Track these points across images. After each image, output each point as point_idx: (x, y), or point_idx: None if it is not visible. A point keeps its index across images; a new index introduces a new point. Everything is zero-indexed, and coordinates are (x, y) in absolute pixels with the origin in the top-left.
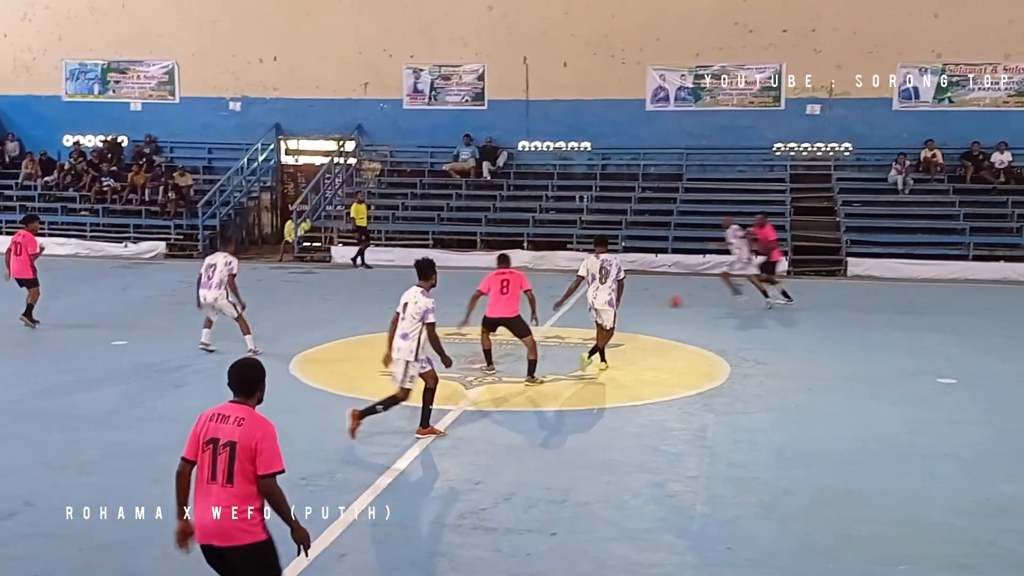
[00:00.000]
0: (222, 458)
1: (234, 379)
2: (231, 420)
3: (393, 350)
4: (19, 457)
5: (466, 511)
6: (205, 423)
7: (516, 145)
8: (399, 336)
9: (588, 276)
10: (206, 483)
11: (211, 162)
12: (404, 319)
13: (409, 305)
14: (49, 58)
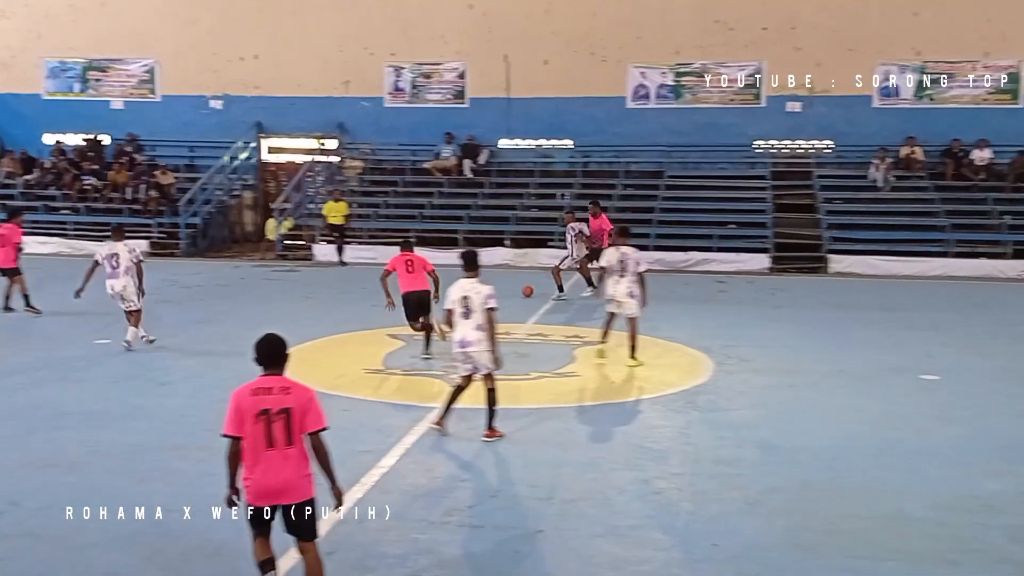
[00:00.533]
0: (278, 425)
1: (265, 353)
2: (275, 390)
3: (471, 345)
4: (3, 456)
5: (452, 508)
6: (247, 398)
7: (497, 143)
8: (473, 328)
9: (608, 268)
10: (264, 451)
11: (193, 160)
12: (473, 311)
13: (472, 297)
14: (28, 56)
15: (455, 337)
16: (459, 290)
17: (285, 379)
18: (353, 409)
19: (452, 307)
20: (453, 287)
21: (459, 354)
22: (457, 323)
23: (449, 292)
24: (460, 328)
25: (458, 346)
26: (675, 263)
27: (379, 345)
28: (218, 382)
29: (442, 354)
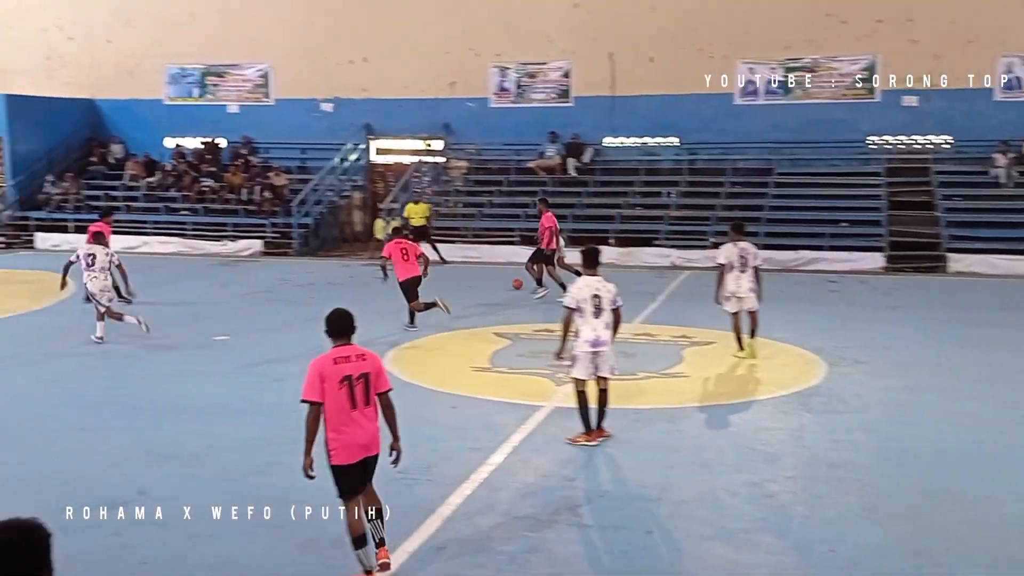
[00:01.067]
0: (359, 388)
1: (339, 326)
2: (352, 358)
3: (603, 344)
4: (131, 447)
5: (561, 507)
6: (330, 367)
7: (601, 141)
8: (604, 326)
9: (727, 264)
10: (349, 412)
11: (304, 162)
12: (603, 310)
13: (602, 295)
14: (151, 63)
15: (585, 336)
16: (587, 288)
17: (357, 347)
18: (461, 406)
19: (581, 305)
20: (578, 285)
21: (588, 354)
22: (586, 322)
23: (574, 290)
24: (590, 327)
25: (589, 345)
26: (785, 262)
27: (485, 343)
28: None
29: (543, 353)
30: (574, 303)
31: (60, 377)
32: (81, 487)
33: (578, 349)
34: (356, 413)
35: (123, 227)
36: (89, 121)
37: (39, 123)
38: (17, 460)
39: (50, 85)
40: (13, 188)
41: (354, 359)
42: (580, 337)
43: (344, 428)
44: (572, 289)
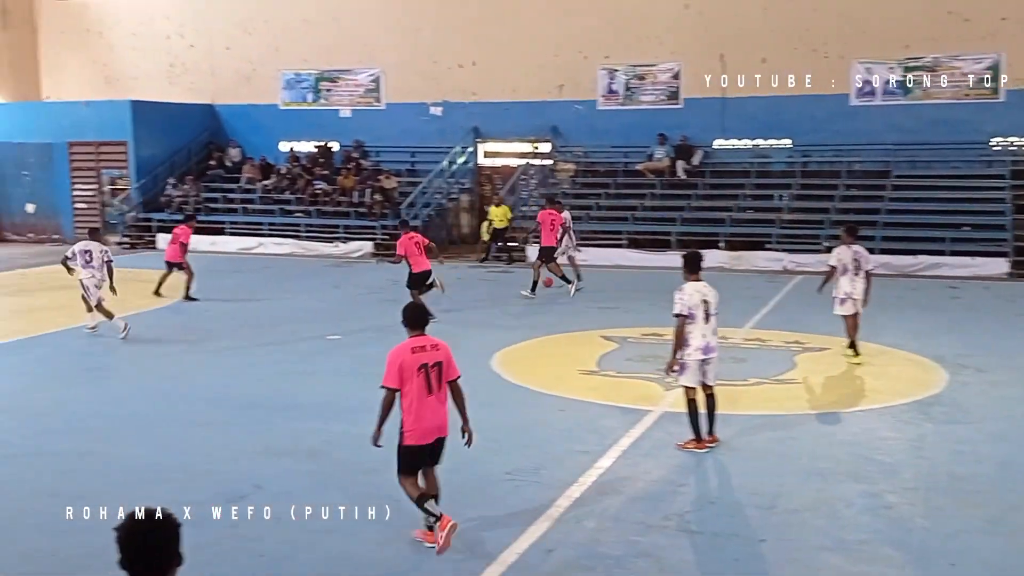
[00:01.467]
0: (433, 375)
1: (414, 318)
2: (427, 348)
3: (713, 351)
4: (247, 443)
5: (671, 513)
6: (409, 356)
7: (712, 143)
8: (712, 333)
9: (840, 267)
10: (425, 397)
11: (414, 165)
12: (711, 316)
13: (710, 301)
14: (267, 69)
15: (696, 343)
16: (696, 294)
17: (430, 338)
18: (569, 409)
19: (693, 311)
20: (686, 291)
21: (697, 362)
22: (697, 328)
23: (684, 297)
24: (700, 333)
25: (701, 352)
26: (903, 267)
27: (593, 346)
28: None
29: (651, 357)
30: (686, 310)
31: (180, 374)
32: (202, 481)
33: (688, 357)
34: (431, 398)
35: (240, 229)
36: (208, 125)
37: (162, 128)
38: (142, 453)
39: (172, 91)
40: (137, 191)
41: (429, 349)
42: (691, 344)
43: (421, 413)
44: (681, 296)
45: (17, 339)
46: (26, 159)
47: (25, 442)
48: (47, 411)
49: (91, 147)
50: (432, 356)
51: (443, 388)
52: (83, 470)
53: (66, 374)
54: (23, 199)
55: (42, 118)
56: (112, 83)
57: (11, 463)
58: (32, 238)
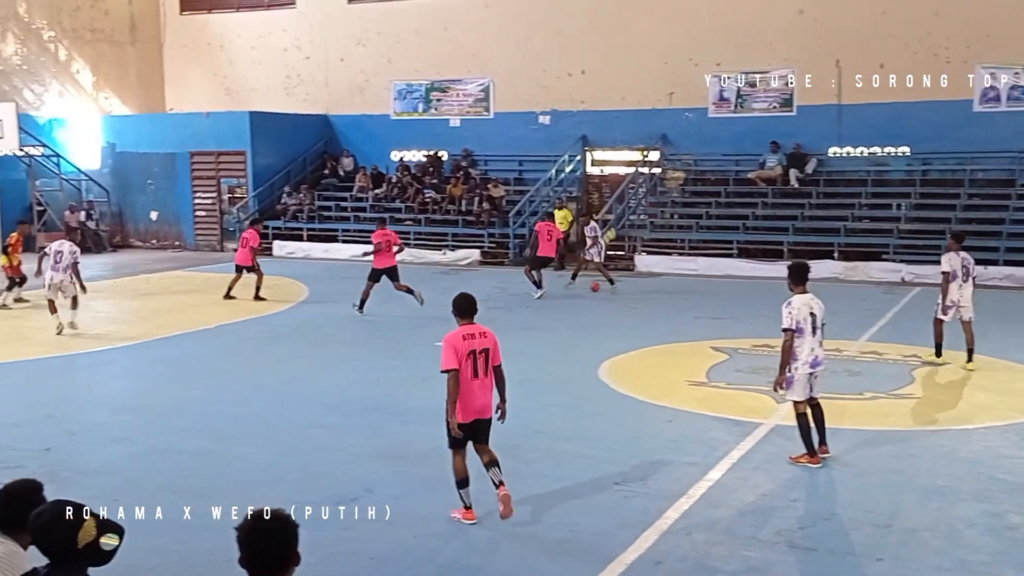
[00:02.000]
0: (480, 360)
1: (464, 307)
2: (477, 335)
3: (821, 364)
4: (361, 446)
5: (783, 528)
6: (461, 342)
7: (826, 151)
8: (819, 346)
9: (951, 272)
10: (471, 381)
11: (521, 174)
12: (818, 329)
13: (817, 313)
14: (380, 79)
15: (804, 357)
16: (804, 307)
17: (479, 326)
18: (677, 420)
19: (801, 325)
20: (794, 305)
21: (807, 376)
22: (805, 341)
23: (792, 311)
24: (808, 346)
25: (809, 366)
26: None
27: (702, 357)
28: (545, 387)
29: (762, 369)
30: (795, 324)
31: (295, 377)
32: (316, 482)
33: (797, 371)
34: (476, 382)
35: (352, 236)
36: (323, 135)
37: (278, 138)
38: (259, 453)
39: (288, 102)
40: (254, 199)
41: (478, 336)
42: (799, 358)
43: (466, 394)
44: (790, 310)
45: (142, 341)
46: (151, 168)
47: (150, 440)
48: (170, 411)
49: (211, 157)
50: (481, 343)
51: (489, 374)
52: (204, 469)
53: (187, 375)
54: (147, 207)
55: (166, 129)
56: (232, 95)
57: (139, 460)
58: (155, 244)
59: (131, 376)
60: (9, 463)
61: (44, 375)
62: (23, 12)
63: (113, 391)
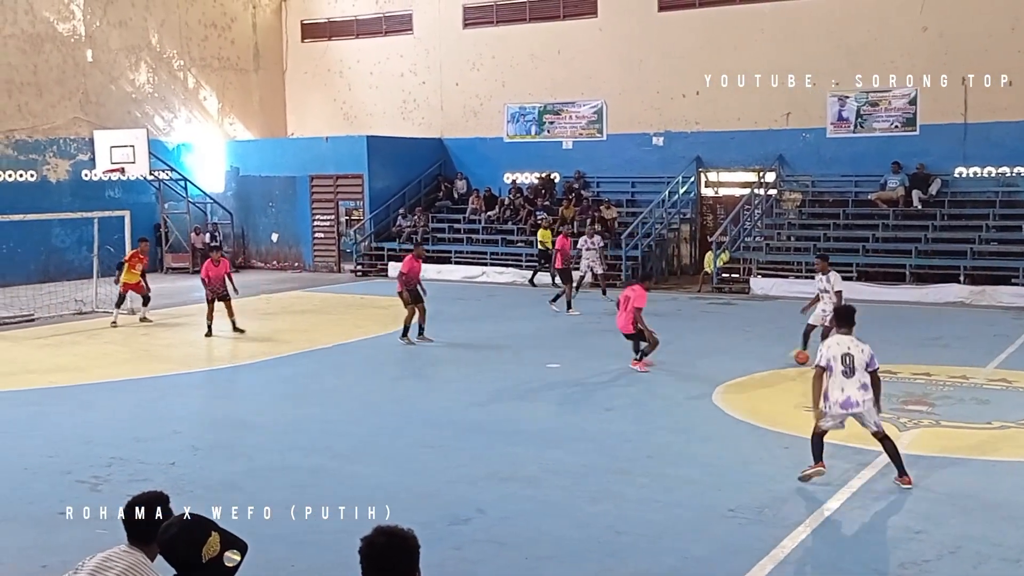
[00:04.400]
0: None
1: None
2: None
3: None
4: (470, 467)
5: (906, 561)
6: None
7: (951, 171)
8: (857, 388)
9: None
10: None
11: (634, 195)
12: (856, 370)
13: (855, 355)
14: (494, 103)
15: (833, 397)
16: (837, 346)
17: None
18: (793, 447)
19: (831, 364)
20: (829, 343)
21: (838, 414)
22: (834, 381)
23: (824, 349)
24: (838, 387)
25: (840, 407)
26: None
27: None
28: (660, 410)
29: (882, 396)
30: (824, 361)
31: (406, 397)
32: (427, 502)
33: (830, 410)
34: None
35: (464, 258)
36: (437, 158)
37: (394, 161)
38: (371, 472)
39: (404, 126)
40: (370, 221)
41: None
42: (829, 397)
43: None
44: (823, 349)
45: (262, 360)
46: (272, 191)
47: (268, 457)
48: (286, 428)
49: (330, 180)
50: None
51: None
52: (318, 486)
53: (303, 394)
54: (269, 229)
55: (287, 153)
56: (350, 119)
57: (257, 476)
58: (275, 265)
59: (250, 394)
60: (137, 476)
61: (170, 392)
62: (155, 42)
63: (233, 408)
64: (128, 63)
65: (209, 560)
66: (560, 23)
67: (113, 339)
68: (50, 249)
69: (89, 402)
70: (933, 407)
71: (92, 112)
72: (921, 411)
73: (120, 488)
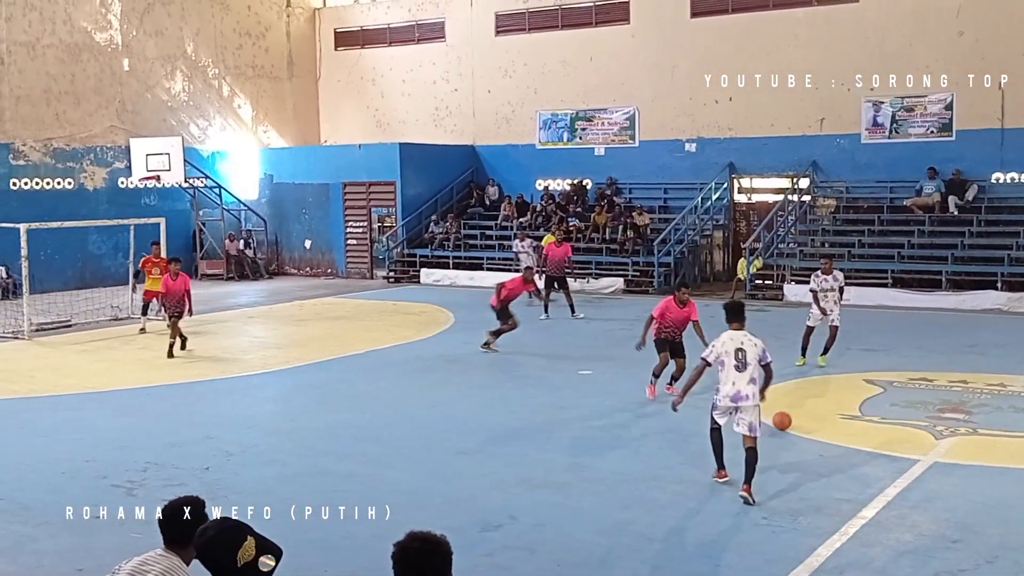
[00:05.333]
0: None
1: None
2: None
3: (745, 399)
4: (503, 473)
5: (942, 570)
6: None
7: (988, 177)
8: (747, 382)
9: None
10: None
11: (666, 202)
12: (748, 365)
13: (748, 352)
14: (526, 110)
15: (724, 391)
16: (730, 341)
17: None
18: (828, 455)
19: (723, 358)
20: (721, 339)
21: (728, 407)
22: (726, 374)
23: (715, 345)
24: (729, 381)
25: (730, 399)
26: None
27: (855, 390)
28: (693, 417)
29: (920, 404)
30: (713, 358)
31: (438, 403)
32: (460, 508)
33: (719, 401)
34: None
35: (496, 265)
36: (469, 165)
37: (426, 168)
38: (404, 477)
39: (436, 133)
40: (403, 227)
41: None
42: (720, 390)
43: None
44: (715, 344)
45: (295, 365)
46: (306, 198)
47: (301, 462)
48: (319, 434)
49: (363, 187)
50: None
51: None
52: (351, 491)
53: (335, 399)
54: (302, 235)
55: (320, 160)
56: (383, 127)
57: (290, 482)
58: (308, 272)
59: (283, 399)
60: (172, 481)
61: (204, 397)
62: (190, 51)
63: (266, 413)
64: (164, 72)
65: (244, 564)
66: (592, 30)
67: (148, 345)
68: (87, 256)
69: (124, 407)
70: (970, 415)
71: (128, 120)
72: (958, 419)
73: (155, 492)
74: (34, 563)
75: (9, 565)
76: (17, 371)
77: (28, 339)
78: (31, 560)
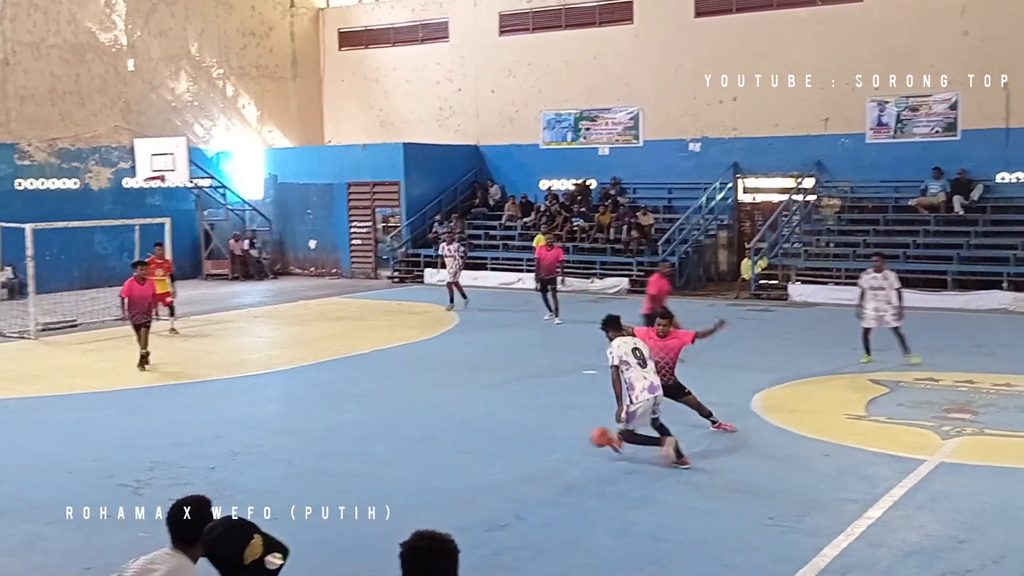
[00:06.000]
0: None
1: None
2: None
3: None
4: (508, 473)
5: (948, 570)
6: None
7: (994, 177)
8: (653, 374)
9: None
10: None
11: (671, 202)
12: (648, 360)
13: (642, 349)
14: (529, 110)
15: (640, 386)
16: (624, 344)
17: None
18: (834, 455)
19: (626, 359)
20: (615, 345)
21: (648, 401)
22: (634, 372)
23: (612, 351)
24: (641, 376)
25: (648, 392)
26: None
27: (861, 391)
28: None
29: (925, 404)
30: (618, 360)
31: (444, 402)
32: (465, 507)
33: (638, 399)
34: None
35: (500, 264)
36: (473, 165)
37: (430, 168)
38: (409, 477)
39: (440, 133)
40: (407, 228)
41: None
42: (635, 388)
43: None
44: (611, 350)
45: (300, 365)
46: (310, 199)
47: (307, 462)
48: (324, 433)
49: (367, 187)
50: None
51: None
52: (356, 491)
53: (340, 399)
54: (307, 236)
55: (324, 161)
56: (387, 127)
57: (295, 481)
58: (313, 272)
59: (288, 399)
60: (179, 480)
61: (209, 397)
62: (195, 51)
63: (272, 413)
64: (168, 72)
65: (251, 562)
66: (596, 29)
67: (154, 345)
68: (92, 256)
69: (131, 407)
70: (977, 415)
71: (133, 120)
72: (964, 419)
73: (161, 492)
74: (42, 562)
75: (19, 564)
76: (23, 371)
77: (34, 339)
78: (40, 559)
